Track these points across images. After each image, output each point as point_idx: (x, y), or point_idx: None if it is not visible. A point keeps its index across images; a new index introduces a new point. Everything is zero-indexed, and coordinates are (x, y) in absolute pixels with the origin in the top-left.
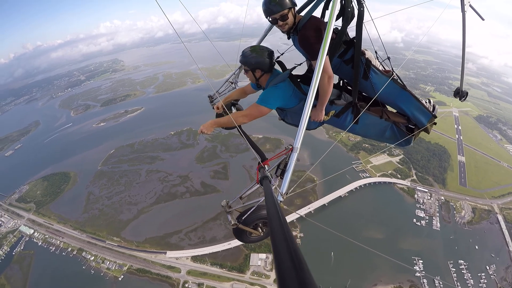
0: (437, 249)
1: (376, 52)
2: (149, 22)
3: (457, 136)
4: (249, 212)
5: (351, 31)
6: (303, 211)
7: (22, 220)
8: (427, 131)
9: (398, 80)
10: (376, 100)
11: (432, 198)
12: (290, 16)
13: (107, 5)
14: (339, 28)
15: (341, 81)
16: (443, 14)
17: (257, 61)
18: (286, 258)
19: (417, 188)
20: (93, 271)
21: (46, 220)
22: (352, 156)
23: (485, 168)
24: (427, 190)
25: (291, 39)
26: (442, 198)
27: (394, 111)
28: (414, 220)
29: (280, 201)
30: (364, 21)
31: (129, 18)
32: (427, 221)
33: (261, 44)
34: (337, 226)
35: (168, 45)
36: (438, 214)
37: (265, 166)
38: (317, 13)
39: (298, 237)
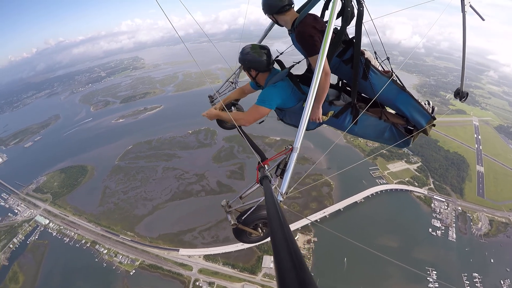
0: (451, 261)
1: (375, 52)
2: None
3: (476, 146)
4: (249, 212)
5: (349, 31)
6: (318, 215)
7: (38, 210)
8: (426, 132)
9: (397, 81)
10: (375, 101)
11: (449, 208)
12: (288, 13)
13: (128, 4)
14: (338, 27)
15: (340, 82)
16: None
17: (253, 60)
18: (286, 258)
19: (434, 197)
20: (105, 264)
21: (61, 211)
22: (369, 162)
23: (504, 180)
24: (444, 200)
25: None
26: (459, 208)
27: (393, 112)
28: (430, 229)
29: (280, 201)
30: (364, 21)
31: (150, 17)
32: (443, 231)
33: (262, 43)
34: (351, 232)
35: (189, 44)
36: (454, 225)
37: (265, 166)
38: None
39: (312, 241)
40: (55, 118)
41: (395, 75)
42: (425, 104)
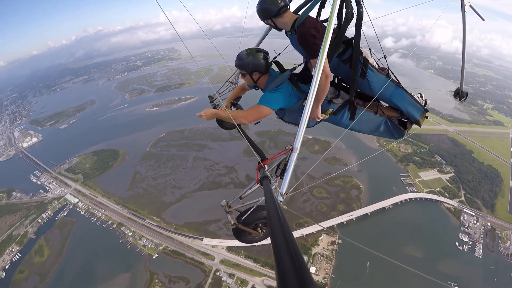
0: (475, 278)
1: (370, 49)
2: (207, 14)
3: None
4: (249, 212)
5: (349, 31)
6: (344, 218)
7: (69, 189)
8: (418, 124)
9: (394, 78)
10: (370, 96)
11: (478, 223)
12: (286, 14)
13: None
14: (340, 30)
15: (336, 79)
16: (505, 27)
17: (254, 63)
18: (286, 258)
19: (464, 210)
20: (129, 246)
21: (91, 192)
22: (401, 168)
23: None
24: (474, 214)
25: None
26: (489, 224)
27: (387, 105)
28: (457, 243)
29: (280, 201)
30: (365, 21)
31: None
32: (469, 246)
33: (259, 47)
34: (377, 238)
35: (225, 38)
36: (482, 241)
37: (265, 166)
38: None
39: (336, 243)
40: (91, 103)
41: (391, 71)
42: (418, 97)
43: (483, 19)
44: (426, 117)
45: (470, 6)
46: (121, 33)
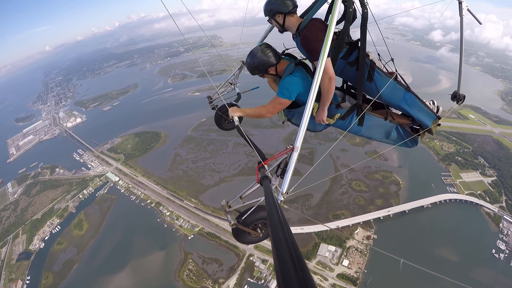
0: None
1: (378, 54)
2: (250, 1)
3: None
4: (249, 212)
5: (354, 33)
6: (382, 213)
7: (110, 167)
8: (431, 132)
9: (402, 82)
10: (380, 102)
11: None
12: (296, 15)
13: None
14: (340, 29)
15: (344, 84)
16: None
17: (261, 63)
18: (286, 258)
19: (504, 216)
20: (166, 225)
21: (132, 171)
22: (442, 167)
23: None
24: None
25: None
26: None
27: (399, 112)
28: (493, 251)
29: (280, 201)
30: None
31: None
32: (506, 255)
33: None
34: (412, 237)
35: (268, 26)
36: None
37: (265, 165)
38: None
39: (372, 238)
40: (134, 87)
41: (399, 75)
42: (430, 103)
43: (480, 23)
44: (439, 124)
45: (468, 10)
46: (164, 20)
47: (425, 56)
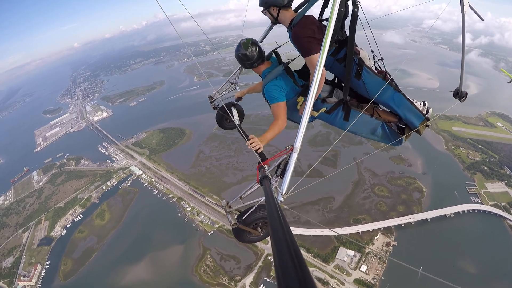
0: None
1: (372, 51)
2: None
3: None
4: (249, 212)
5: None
6: (403, 220)
7: (134, 161)
8: (418, 132)
9: (392, 81)
10: (367, 98)
11: None
12: (290, 9)
13: None
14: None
15: (336, 78)
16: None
17: (245, 57)
18: (286, 258)
19: None
20: (186, 220)
21: (155, 166)
22: (467, 176)
23: None
24: None
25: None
26: None
27: (386, 110)
28: None
29: (280, 201)
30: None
31: None
32: None
33: (247, 38)
34: (432, 247)
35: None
36: None
37: (265, 166)
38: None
39: (392, 244)
40: (160, 84)
41: (389, 75)
42: (420, 104)
43: (482, 19)
44: (427, 125)
45: (470, 6)
46: (191, 19)
47: (453, 60)
